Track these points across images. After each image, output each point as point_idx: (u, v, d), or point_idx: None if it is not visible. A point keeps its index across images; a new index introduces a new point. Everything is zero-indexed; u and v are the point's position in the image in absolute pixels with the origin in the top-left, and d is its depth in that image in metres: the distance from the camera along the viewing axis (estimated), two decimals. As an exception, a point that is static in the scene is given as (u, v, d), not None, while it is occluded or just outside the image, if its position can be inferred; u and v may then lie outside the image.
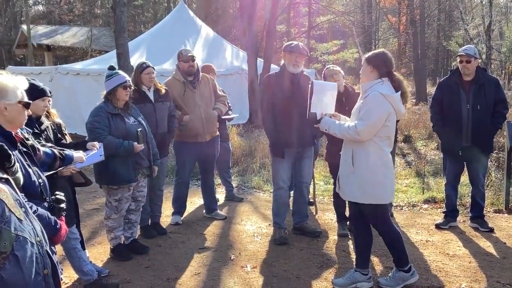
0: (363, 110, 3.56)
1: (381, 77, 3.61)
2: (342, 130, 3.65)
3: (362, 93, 3.71)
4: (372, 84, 3.61)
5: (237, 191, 7.04)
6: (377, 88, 3.56)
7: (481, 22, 20.45)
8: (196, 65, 5.39)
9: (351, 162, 3.64)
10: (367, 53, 3.80)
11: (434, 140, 10.51)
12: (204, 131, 5.38)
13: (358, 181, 3.64)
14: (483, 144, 5.09)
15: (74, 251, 3.80)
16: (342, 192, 3.84)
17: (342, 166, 3.80)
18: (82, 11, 31.52)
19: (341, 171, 3.82)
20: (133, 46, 12.80)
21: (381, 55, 3.68)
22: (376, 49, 27.81)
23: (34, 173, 2.47)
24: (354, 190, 3.69)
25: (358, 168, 3.63)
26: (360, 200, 3.69)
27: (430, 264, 4.34)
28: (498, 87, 5.17)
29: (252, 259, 4.55)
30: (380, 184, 3.63)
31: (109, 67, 4.35)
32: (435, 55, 36.20)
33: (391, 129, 3.66)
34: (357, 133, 3.54)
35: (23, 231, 1.80)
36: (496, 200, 6.14)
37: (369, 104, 3.54)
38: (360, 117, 3.57)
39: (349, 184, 3.71)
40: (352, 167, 3.64)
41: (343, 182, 3.79)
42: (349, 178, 3.70)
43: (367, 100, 3.56)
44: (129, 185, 4.34)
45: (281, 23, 27.55)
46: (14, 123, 2.41)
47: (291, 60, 4.72)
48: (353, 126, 3.56)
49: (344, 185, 3.78)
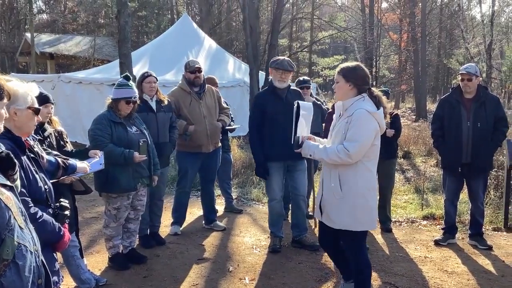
0: (351, 130, 3.26)
1: (361, 93, 3.38)
2: (330, 154, 3.31)
3: (342, 110, 3.43)
4: (353, 101, 3.35)
5: (236, 202, 7.04)
6: (361, 105, 3.30)
7: (482, 41, 20.61)
8: (202, 76, 5.45)
9: (338, 187, 3.33)
10: (341, 67, 3.45)
11: (434, 157, 10.53)
12: (208, 142, 5.41)
13: (348, 207, 3.33)
14: (483, 161, 5.11)
15: (72, 259, 3.79)
16: (329, 220, 3.46)
17: (328, 191, 3.44)
18: (86, 20, 31.72)
19: (327, 197, 3.45)
20: (136, 56, 12.88)
21: (360, 70, 3.41)
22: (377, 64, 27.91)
23: (41, 179, 2.48)
24: (344, 217, 3.36)
25: (348, 193, 3.33)
26: (352, 228, 3.38)
27: (428, 281, 4.33)
28: (499, 105, 5.21)
29: (250, 271, 4.54)
30: (371, 209, 3.42)
31: (125, 76, 4.39)
32: (436, 72, 36.38)
33: (378, 148, 3.44)
34: (349, 156, 3.24)
35: (24, 239, 1.80)
36: (495, 218, 6.14)
37: (357, 123, 3.25)
38: (348, 138, 3.26)
39: (338, 211, 3.38)
40: (340, 192, 3.33)
41: (330, 209, 3.43)
42: (337, 204, 3.37)
43: (353, 119, 3.26)
44: (129, 193, 4.35)
45: (283, 37, 27.77)
46: (23, 128, 2.44)
47: (277, 76, 4.84)
48: (342, 149, 3.24)
49: (332, 213, 3.42)
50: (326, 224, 3.51)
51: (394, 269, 4.58)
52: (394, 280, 4.33)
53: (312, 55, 31.02)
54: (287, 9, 29.04)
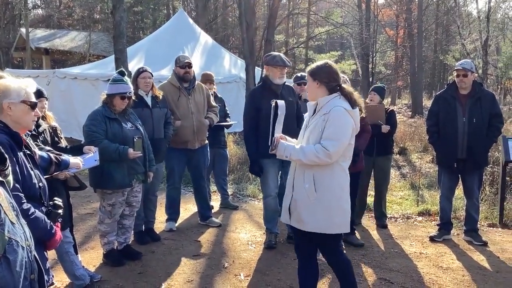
0: (329, 129, 3.12)
1: (331, 92, 3.26)
2: (308, 155, 3.13)
3: (318, 109, 3.28)
4: (329, 99, 3.23)
5: (232, 199, 7.03)
6: (337, 103, 3.19)
7: (478, 37, 20.62)
8: (192, 72, 5.42)
9: (313, 188, 3.17)
10: (310, 67, 3.38)
11: (429, 153, 10.56)
12: (194, 139, 5.39)
13: (323, 209, 3.19)
14: (478, 157, 5.12)
15: (66, 255, 3.77)
16: (301, 223, 3.27)
17: (300, 193, 3.26)
18: (81, 15, 31.56)
19: (299, 199, 3.27)
20: (132, 51, 12.83)
21: (326, 67, 3.29)
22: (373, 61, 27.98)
23: (36, 176, 2.46)
24: (320, 220, 3.20)
25: (323, 194, 3.18)
26: (327, 231, 3.23)
27: (423, 277, 4.34)
28: (494, 101, 5.21)
29: (245, 267, 4.53)
30: (346, 211, 3.28)
31: (120, 71, 4.36)
32: (432, 68, 36.44)
33: (353, 148, 3.33)
34: (328, 155, 3.09)
35: (15, 234, 1.79)
36: (490, 214, 6.15)
37: (335, 121, 3.12)
38: (326, 136, 3.12)
39: (312, 214, 3.21)
40: (314, 193, 3.17)
41: (303, 211, 3.24)
42: (311, 206, 3.20)
43: (331, 117, 3.13)
44: (124, 190, 4.33)
45: (279, 33, 27.72)
46: (20, 123, 2.43)
47: (277, 74, 4.80)
48: (321, 148, 3.10)
49: (305, 215, 3.23)
50: (297, 228, 3.34)
51: (389, 265, 4.59)
52: (389, 276, 4.33)
53: (308, 51, 30.99)
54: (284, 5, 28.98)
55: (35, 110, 2.55)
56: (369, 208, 6.29)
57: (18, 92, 2.40)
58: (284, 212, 3.43)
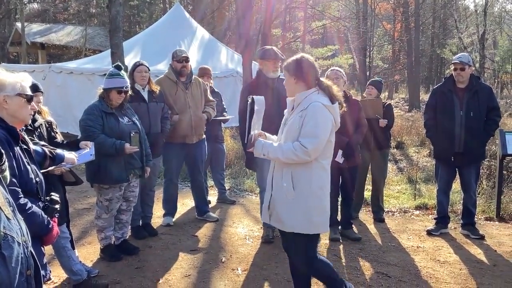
0: (307, 126, 2.99)
1: (309, 87, 3.13)
2: (286, 153, 3.01)
3: (295, 105, 3.16)
4: (307, 94, 3.10)
5: (229, 193, 7.02)
6: (315, 98, 3.07)
7: (475, 31, 20.63)
8: (189, 66, 5.40)
9: (291, 186, 3.05)
10: (286, 61, 3.23)
11: (427, 147, 10.57)
12: (192, 133, 5.37)
13: (302, 208, 3.07)
14: (475, 151, 5.12)
15: (63, 250, 3.76)
16: (280, 223, 3.17)
17: (278, 192, 3.14)
18: (77, 10, 31.41)
19: (277, 198, 3.16)
20: (128, 46, 12.76)
21: (302, 62, 3.15)
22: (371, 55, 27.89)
23: (32, 171, 2.45)
24: (299, 220, 3.08)
25: (301, 193, 3.06)
26: (306, 230, 3.11)
27: (420, 270, 4.34)
28: (491, 95, 5.21)
29: (243, 261, 4.53)
30: (325, 210, 3.17)
31: (116, 65, 4.34)
32: (429, 62, 36.44)
33: (333, 145, 3.22)
34: (307, 153, 2.97)
35: (11, 230, 1.77)
36: (487, 207, 6.16)
37: (313, 118, 2.99)
38: (304, 133, 3.00)
39: (291, 213, 3.09)
40: (293, 191, 3.05)
41: (281, 211, 3.13)
42: (289, 205, 3.08)
43: (309, 113, 3.01)
44: (121, 185, 4.31)
45: (276, 27, 27.61)
46: (16, 117, 2.42)
47: (271, 67, 4.78)
48: (299, 146, 2.97)
49: (283, 215, 3.12)
50: (277, 227, 3.28)
51: (386, 259, 4.60)
52: (386, 270, 4.34)
53: (305, 45, 30.92)
54: (280, -1, 28.85)
55: (31, 104, 2.54)
56: (367, 202, 6.30)
57: (13, 85, 2.39)
58: (264, 211, 3.33)
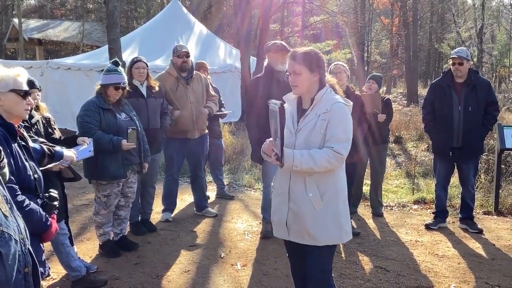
0: (337, 129, 2.70)
1: (324, 84, 2.83)
2: (320, 162, 2.67)
3: (313, 105, 2.79)
4: (322, 93, 2.79)
5: (228, 189, 7.02)
6: (334, 98, 2.79)
7: (473, 25, 20.58)
8: (190, 62, 5.39)
9: (318, 196, 2.75)
10: (299, 54, 2.79)
11: (425, 141, 10.57)
12: (194, 128, 5.37)
13: (332, 217, 2.79)
14: (474, 145, 5.12)
15: (62, 247, 3.76)
16: (309, 237, 2.80)
17: (302, 204, 2.78)
18: (75, 5, 31.31)
19: (303, 211, 2.78)
20: (126, 41, 12.73)
21: (320, 55, 2.85)
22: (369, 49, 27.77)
23: (31, 167, 2.43)
24: (331, 230, 2.80)
25: (330, 201, 2.78)
26: (340, 240, 2.89)
27: (419, 264, 4.35)
28: (490, 89, 5.21)
29: (242, 257, 4.54)
30: (348, 215, 2.94)
31: (114, 61, 4.33)
32: (427, 57, 36.39)
33: None
34: (342, 160, 2.74)
35: (8, 227, 1.77)
36: (486, 202, 6.18)
37: (342, 121, 2.73)
38: (335, 138, 2.69)
39: (322, 225, 2.78)
40: (321, 201, 2.75)
41: (310, 224, 2.78)
42: (318, 217, 2.77)
43: (335, 115, 2.71)
44: (118, 180, 4.31)
45: (274, 22, 27.56)
46: (12, 113, 2.40)
47: (279, 59, 4.75)
48: (333, 153, 2.67)
49: (312, 228, 2.78)
50: (301, 243, 2.85)
51: (385, 253, 4.60)
52: (385, 264, 4.35)
53: (303, 40, 30.86)
54: (278, -7, 28.75)
55: (27, 99, 2.51)
56: (365, 196, 6.30)
57: (6, 81, 2.37)
58: (279, 227, 2.96)
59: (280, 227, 2.95)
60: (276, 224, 3.01)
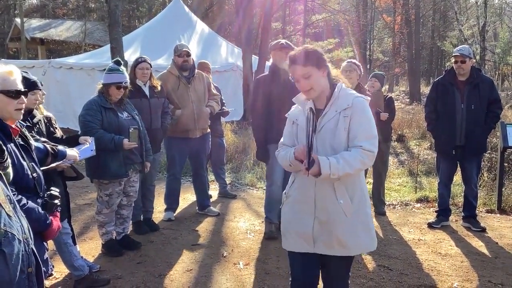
0: (363, 126, 2.53)
1: (330, 80, 2.65)
2: (354, 164, 2.46)
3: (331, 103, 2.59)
4: (339, 89, 2.61)
5: (230, 188, 7.02)
6: (352, 93, 2.63)
7: (475, 23, 20.54)
8: (191, 61, 5.39)
9: (349, 201, 2.54)
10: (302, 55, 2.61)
11: (427, 140, 10.56)
12: (195, 127, 5.36)
13: (363, 222, 2.61)
14: (476, 143, 5.10)
15: (65, 246, 3.76)
16: (345, 247, 2.58)
17: (333, 212, 2.55)
18: (76, 5, 31.33)
19: (334, 219, 2.55)
20: (128, 41, 12.74)
21: (317, 50, 2.67)
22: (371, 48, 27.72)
23: (29, 166, 2.42)
24: (363, 237, 2.60)
25: (359, 207, 2.59)
26: (372, 247, 2.69)
27: (422, 263, 4.34)
28: (492, 87, 5.19)
29: (244, 256, 4.54)
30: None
31: (116, 60, 4.33)
32: (430, 55, 36.34)
33: None
34: (373, 158, 2.56)
35: (11, 227, 1.77)
36: (489, 200, 6.16)
37: (367, 116, 2.58)
38: (363, 136, 2.51)
39: (354, 232, 2.57)
40: (351, 206, 2.54)
41: (342, 233, 2.55)
42: (350, 224, 2.55)
43: (357, 111, 2.53)
44: (120, 180, 4.31)
45: (276, 21, 27.54)
46: (3, 114, 2.35)
47: (283, 57, 4.73)
48: (364, 152, 2.49)
49: (345, 237, 2.55)
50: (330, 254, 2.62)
51: (388, 252, 4.60)
52: (388, 263, 4.34)
53: (305, 39, 30.84)
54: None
55: (20, 98, 2.40)
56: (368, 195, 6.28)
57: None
58: (300, 239, 2.64)
59: (302, 239, 2.64)
60: (295, 236, 2.68)
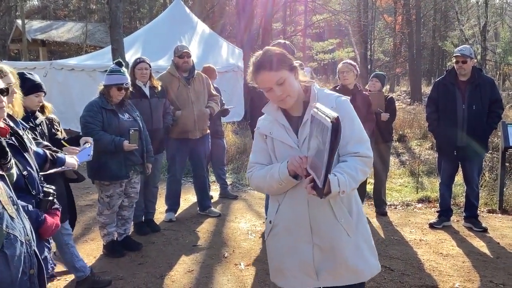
0: (350, 129, 2.17)
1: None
2: (357, 175, 2.11)
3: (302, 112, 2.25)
4: (316, 90, 2.26)
5: (231, 188, 7.02)
6: (330, 92, 2.33)
7: (476, 22, 20.50)
8: (191, 62, 5.39)
9: (350, 219, 2.22)
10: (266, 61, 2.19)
11: (429, 140, 10.55)
12: (195, 128, 5.37)
13: (365, 241, 2.30)
14: (478, 144, 5.10)
15: (66, 247, 3.76)
16: (353, 273, 2.23)
17: (335, 235, 2.20)
18: (78, 6, 31.37)
19: (337, 244, 2.20)
20: (129, 42, 12.75)
21: (282, 48, 2.41)
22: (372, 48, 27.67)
23: (18, 164, 2.37)
24: (368, 258, 2.29)
25: (359, 222, 2.28)
26: (378, 268, 2.36)
27: (423, 263, 4.34)
28: (494, 87, 5.18)
29: (245, 256, 4.54)
30: None
31: (117, 62, 4.34)
32: (430, 55, 36.28)
33: None
34: (371, 163, 2.24)
35: (14, 229, 1.77)
36: (490, 200, 6.16)
37: (353, 117, 2.23)
38: (356, 140, 2.18)
39: (361, 255, 2.25)
40: (351, 221, 2.23)
41: (350, 257, 2.21)
42: (353, 245, 2.23)
43: (342, 113, 2.08)
44: (121, 181, 4.31)
45: (277, 21, 27.56)
46: None
47: None
48: (363, 160, 2.17)
49: (355, 261, 2.22)
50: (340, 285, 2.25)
51: (389, 252, 4.59)
52: (389, 263, 4.34)
53: (306, 39, 30.83)
54: (281, -7, 28.71)
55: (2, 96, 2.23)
56: (369, 195, 6.29)
57: None
58: (300, 273, 2.24)
59: (302, 273, 2.24)
60: (295, 271, 2.26)
